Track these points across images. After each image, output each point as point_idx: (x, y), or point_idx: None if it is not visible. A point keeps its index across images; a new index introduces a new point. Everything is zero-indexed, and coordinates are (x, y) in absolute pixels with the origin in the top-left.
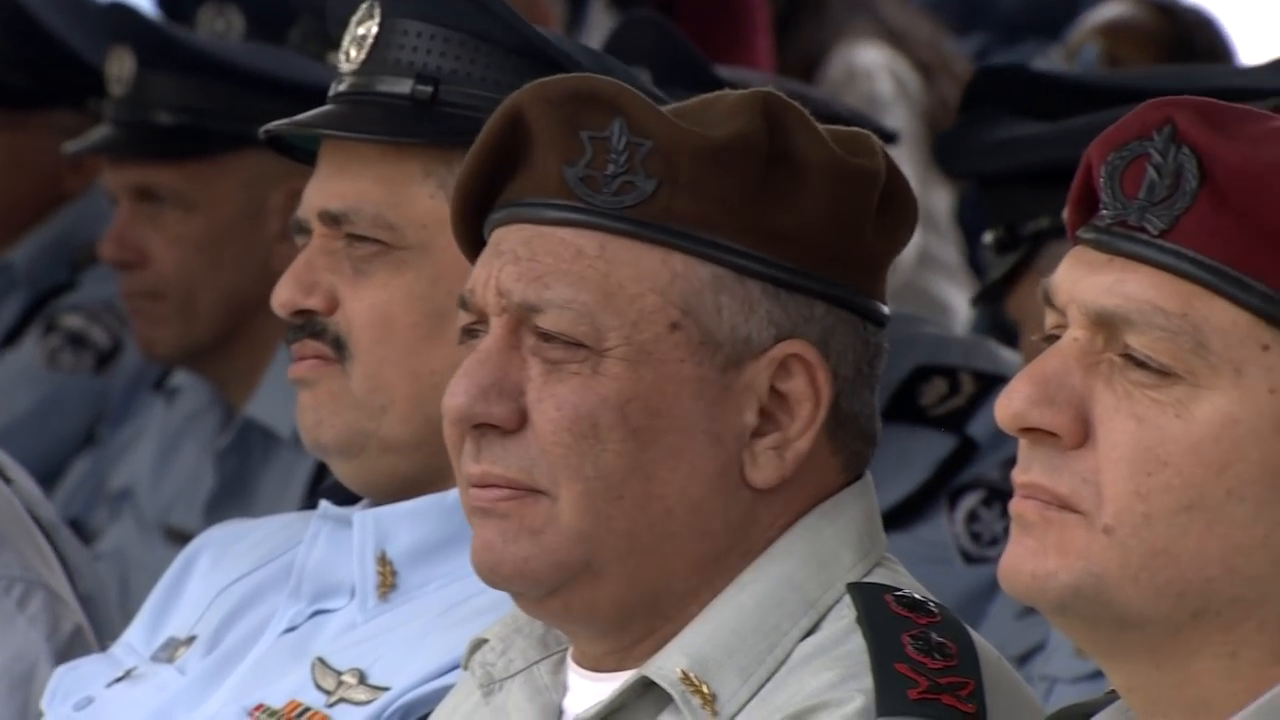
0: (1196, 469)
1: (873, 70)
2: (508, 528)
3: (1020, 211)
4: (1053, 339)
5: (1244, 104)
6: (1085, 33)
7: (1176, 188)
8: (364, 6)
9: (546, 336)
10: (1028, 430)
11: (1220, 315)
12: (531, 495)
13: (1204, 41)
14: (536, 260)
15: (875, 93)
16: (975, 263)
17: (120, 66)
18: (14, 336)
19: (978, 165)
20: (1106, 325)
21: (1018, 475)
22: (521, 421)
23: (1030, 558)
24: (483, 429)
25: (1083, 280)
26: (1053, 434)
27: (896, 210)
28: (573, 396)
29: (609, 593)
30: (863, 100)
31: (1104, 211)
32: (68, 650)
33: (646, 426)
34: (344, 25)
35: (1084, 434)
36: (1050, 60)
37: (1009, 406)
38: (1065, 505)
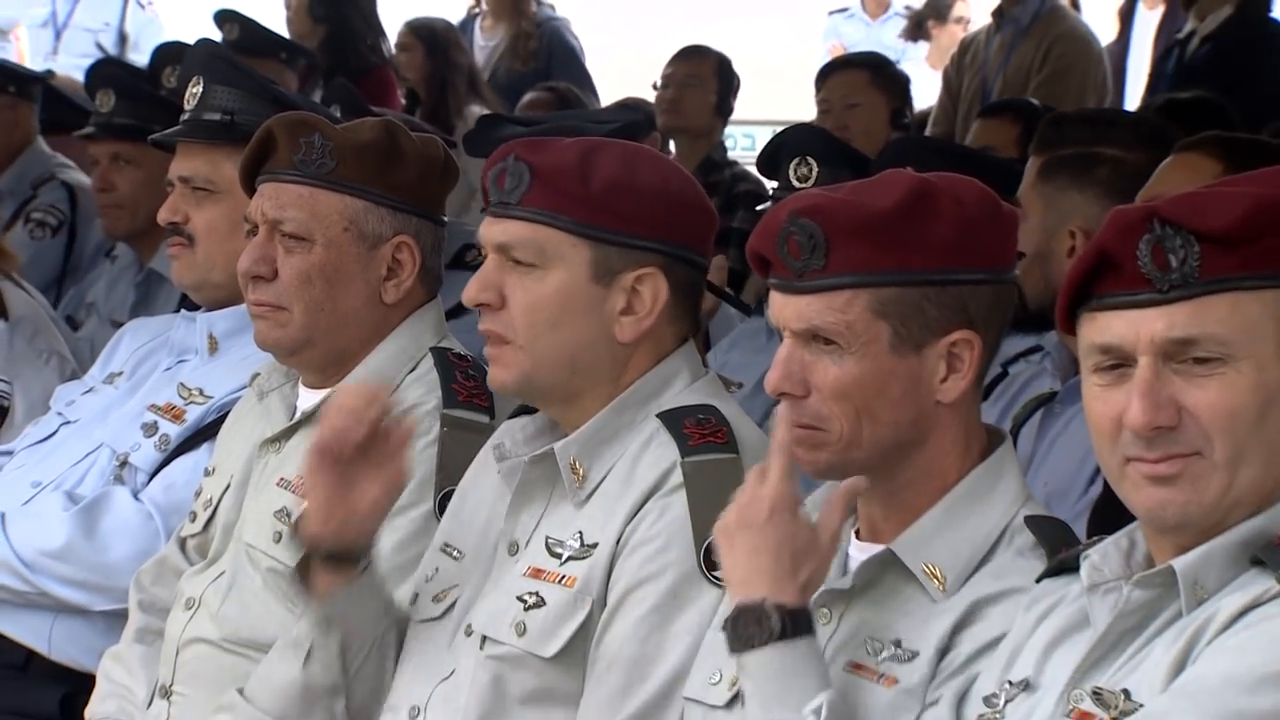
0: (552, 308)
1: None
2: (269, 323)
3: None
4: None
5: (596, 131)
6: (524, 105)
7: (519, 181)
8: (193, 78)
9: (285, 234)
10: (477, 304)
11: (548, 235)
12: (280, 309)
13: (574, 100)
14: (279, 199)
15: None
16: None
17: (105, 101)
18: (10, 225)
19: (485, 151)
20: (504, 250)
21: (480, 327)
22: (275, 275)
23: (494, 373)
24: (256, 279)
25: (486, 231)
26: (488, 304)
27: (449, 174)
28: (298, 263)
29: (319, 353)
30: None
31: (490, 198)
32: (66, 380)
33: (334, 277)
34: (185, 87)
35: (503, 302)
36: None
37: (468, 292)
38: (503, 341)
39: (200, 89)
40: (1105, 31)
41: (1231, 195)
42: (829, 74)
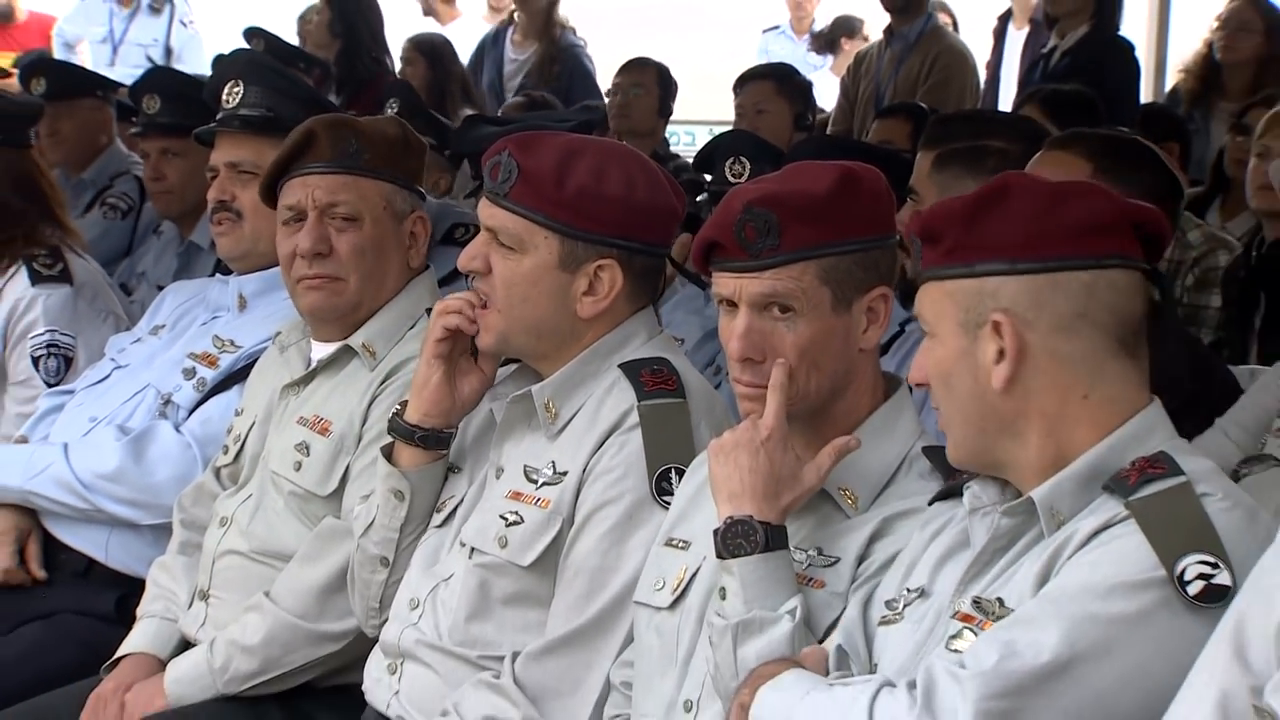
0: (524, 286)
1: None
2: (326, 293)
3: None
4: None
5: (556, 129)
6: (509, 107)
7: (509, 176)
8: (232, 79)
9: (337, 216)
10: (468, 270)
11: (526, 227)
12: (338, 280)
13: (543, 104)
14: (328, 187)
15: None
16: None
17: (151, 105)
18: (89, 209)
19: (466, 148)
20: (492, 231)
21: (473, 285)
22: (331, 250)
23: (480, 337)
24: (314, 256)
25: (482, 211)
26: (477, 270)
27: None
28: (352, 239)
29: (362, 313)
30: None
31: (486, 184)
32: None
33: (380, 248)
34: (221, 86)
35: (489, 269)
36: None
37: (462, 260)
38: (487, 304)
39: (241, 89)
40: (981, 48)
41: (939, 208)
42: (742, 84)
